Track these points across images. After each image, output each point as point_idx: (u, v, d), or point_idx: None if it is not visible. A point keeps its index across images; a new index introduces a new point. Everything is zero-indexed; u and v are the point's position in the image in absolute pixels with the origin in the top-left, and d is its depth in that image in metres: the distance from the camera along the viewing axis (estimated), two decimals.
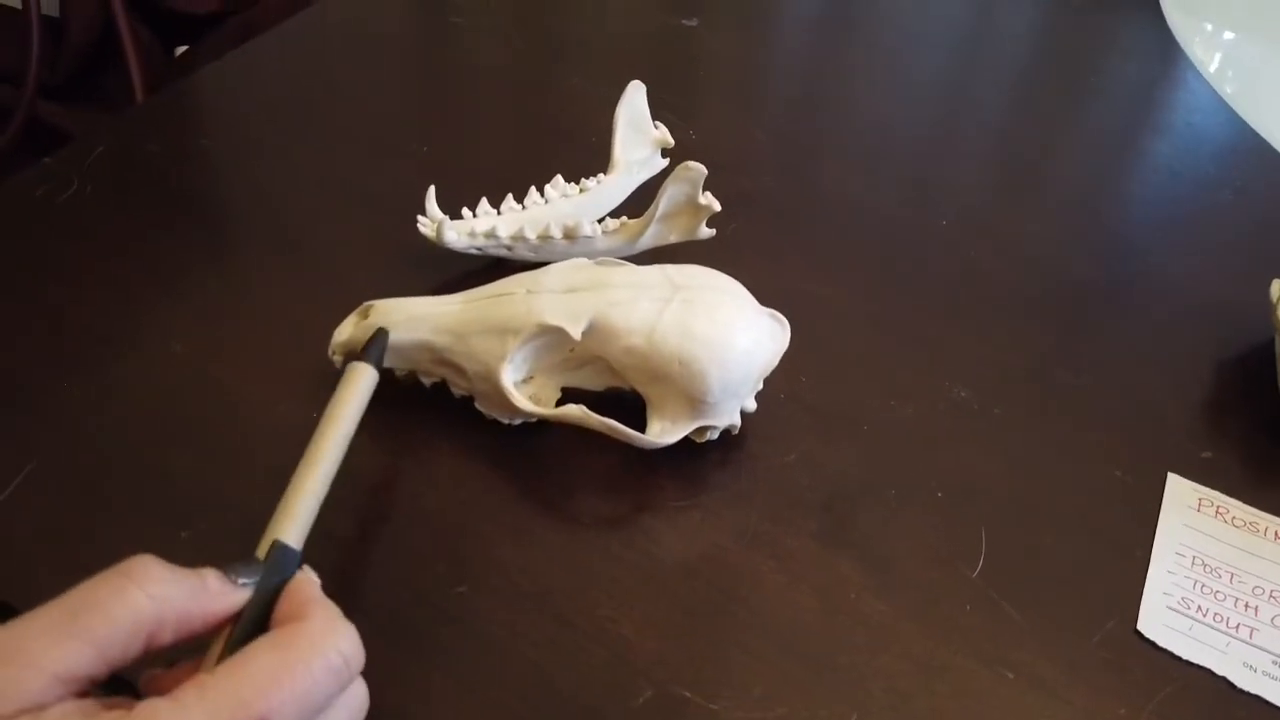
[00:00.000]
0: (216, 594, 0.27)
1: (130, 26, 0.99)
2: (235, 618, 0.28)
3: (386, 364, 0.41)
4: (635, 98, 0.53)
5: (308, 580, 0.29)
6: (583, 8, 0.74)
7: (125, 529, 0.37)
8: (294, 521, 0.31)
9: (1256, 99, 0.68)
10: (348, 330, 0.42)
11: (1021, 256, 0.54)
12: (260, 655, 0.25)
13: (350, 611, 0.28)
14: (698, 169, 0.45)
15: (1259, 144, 0.62)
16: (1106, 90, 0.69)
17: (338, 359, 0.42)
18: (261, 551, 0.30)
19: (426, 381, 0.43)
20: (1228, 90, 0.68)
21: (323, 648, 0.26)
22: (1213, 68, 0.72)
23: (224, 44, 1.03)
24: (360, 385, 0.36)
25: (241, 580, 0.28)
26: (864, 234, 0.55)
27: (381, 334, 0.40)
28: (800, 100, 0.67)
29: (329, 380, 0.43)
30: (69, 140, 1.07)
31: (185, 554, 0.28)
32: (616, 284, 0.39)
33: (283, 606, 0.28)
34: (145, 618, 0.25)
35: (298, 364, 0.44)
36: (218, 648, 0.27)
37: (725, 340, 0.38)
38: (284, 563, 0.30)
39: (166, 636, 0.26)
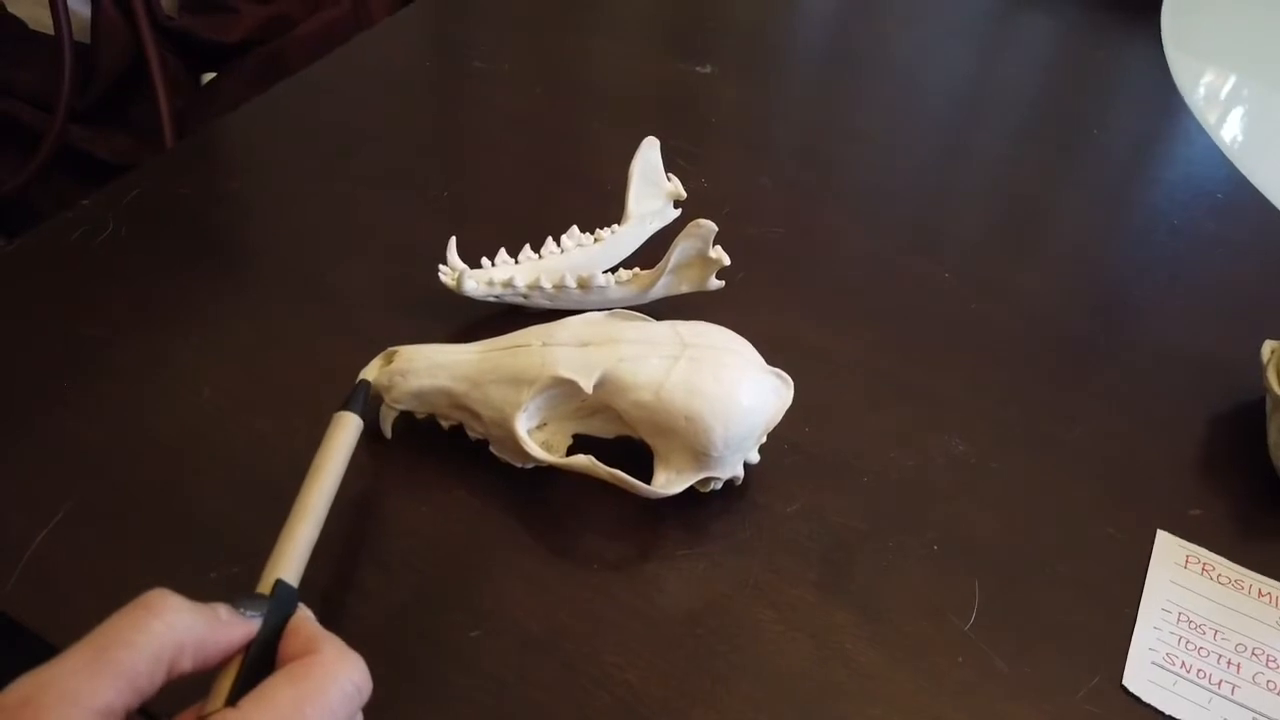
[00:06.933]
0: (229, 624, 0.29)
1: (159, 54, 1.01)
2: (243, 652, 0.29)
3: (408, 407, 0.44)
4: (649, 152, 0.54)
5: (309, 617, 0.31)
6: (600, 54, 0.77)
7: (157, 570, 0.39)
8: (291, 562, 0.33)
9: (1256, 150, 0.70)
10: (373, 373, 0.44)
11: (1020, 309, 0.55)
12: (281, 689, 0.27)
13: (368, 656, 0.29)
14: (708, 226, 0.46)
15: (1257, 200, 0.64)
16: (1107, 142, 0.71)
17: None
18: (264, 588, 0.32)
19: (444, 424, 0.45)
20: (1227, 140, 0.69)
21: (337, 678, 0.28)
22: (1213, 117, 0.73)
23: (250, 72, 1.06)
24: (344, 433, 0.39)
25: (249, 613, 0.30)
26: (868, 285, 0.56)
27: (362, 384, 0.42)
28: (808, 148, 0.69)
29: None
30: (96, 164, 1.09)
31: (215, 595, 0.30)
32: (628, 339, 0.41)
33: (291, 642, 0.30)
34: (166, 645, 0.26)
35: (327, 408, 0.45)
36: (225, 684, 0.29)
37: (730, 398, 0.40)
38: (286, 599, 0.32)
39: (186, 664, 0.27)
